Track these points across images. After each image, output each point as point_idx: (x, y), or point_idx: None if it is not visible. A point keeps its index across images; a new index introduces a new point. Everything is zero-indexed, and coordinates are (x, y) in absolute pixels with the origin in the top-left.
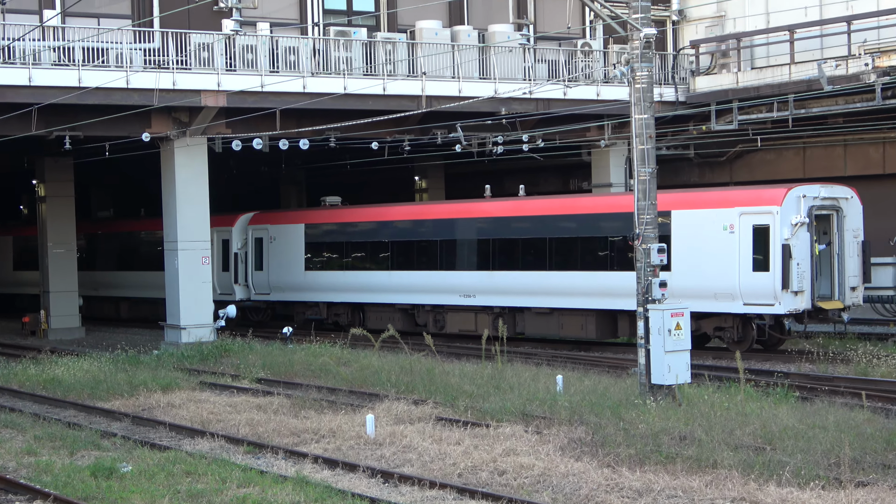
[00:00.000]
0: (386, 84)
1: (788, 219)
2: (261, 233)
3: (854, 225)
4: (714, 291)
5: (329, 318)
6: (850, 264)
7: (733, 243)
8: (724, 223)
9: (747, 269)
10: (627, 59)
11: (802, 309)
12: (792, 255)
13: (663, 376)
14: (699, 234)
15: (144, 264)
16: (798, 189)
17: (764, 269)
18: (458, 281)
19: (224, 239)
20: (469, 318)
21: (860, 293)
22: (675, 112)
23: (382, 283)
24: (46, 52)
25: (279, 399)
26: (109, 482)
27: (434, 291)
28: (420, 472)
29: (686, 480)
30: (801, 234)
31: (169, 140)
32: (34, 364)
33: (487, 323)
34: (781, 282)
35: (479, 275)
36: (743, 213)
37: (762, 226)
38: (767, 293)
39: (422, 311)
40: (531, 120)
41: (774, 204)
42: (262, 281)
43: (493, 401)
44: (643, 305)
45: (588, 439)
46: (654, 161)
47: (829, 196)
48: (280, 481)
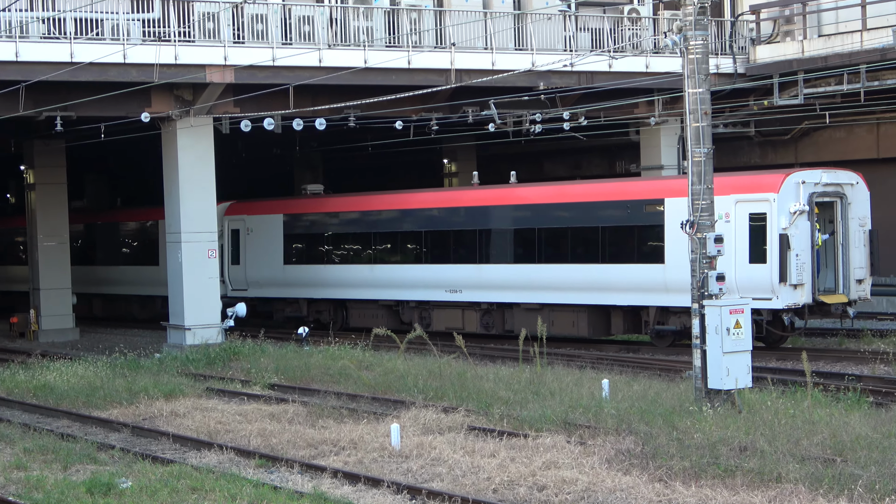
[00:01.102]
0: (411, 57)
1: (786, 206)
2: (237, 224)
3: (860, 213)
4: None
5: (310, 315)
6: (855, 255)
7: (729, 233)
8: (720, 211)
9: (743, 261)
10: (680, 27)
11: (802, 303)
12: (790, 246)
13: (721, 380)
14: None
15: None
16: (797, 174)
17: (761, 260)
18: (443, 275)
19: None
20: (456, 315)
21: (867, 286)
22: (733, 85)
23: (365, 277)
24: (35, 23)
25: (294, 407)
26: (107, 499)
27: (419, 287)
28: (451, 487)
29: (747, 496)
30: (800, 223)
31: (171, 120)
32: (23, 369)
33: (475, 320)
34: (779, 274)
35: (466, 268)
36: (739, 201)
37: (759, 214)
38: (764, 286)
39: (406, 308)
40: (573, 95)
41: (771, 191)
42: (239, 276)
43: (532, 408)
44: (698, 301)
45: (637, 450)
46: (710, 140)
47: (833, 182)
48: (295, 498)
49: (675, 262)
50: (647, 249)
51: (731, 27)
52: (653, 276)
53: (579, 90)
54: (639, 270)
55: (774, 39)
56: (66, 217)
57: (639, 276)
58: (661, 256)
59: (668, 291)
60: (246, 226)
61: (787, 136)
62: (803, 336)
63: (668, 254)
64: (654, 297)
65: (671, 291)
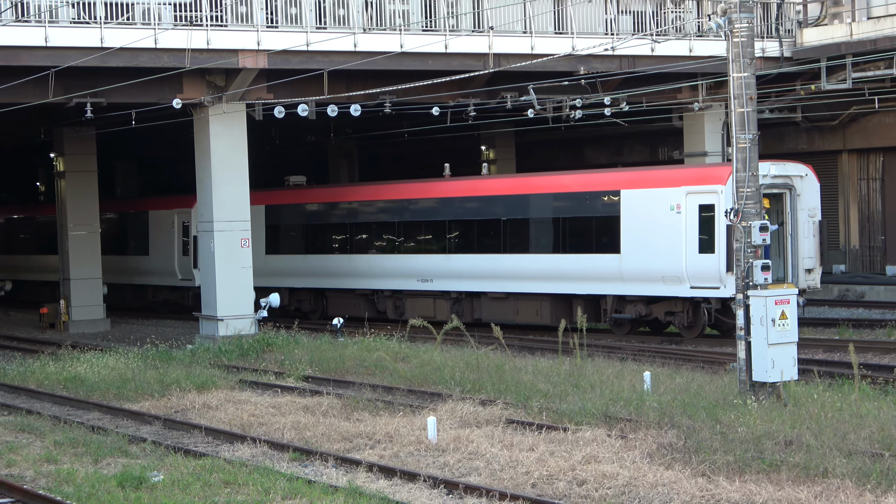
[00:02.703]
0: (448, 41)
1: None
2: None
3: (810, 204)
4: (662, 274)
5: (291, 304)
6: (804, 245)
7: (680, 224)
8: (672, 203)
9: (693, 251)
10: (724, 9)
11: None
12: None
13: (766, 373)
14: (648, 214)
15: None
16: None
17: (709, 250)
18: (415, 265)
19: (184, 221)
20: (428, 304)
21: (817, 276)
22: (779, 69)
23: (342, 267)
24: (65, 8)
25: (329, 399)
26: (138, 493)
27: (393, 276)
28: (488, 481)
29: (792, 491)
30: None
31: (203, 107)
32: (53, 361)
33: (446, 308)
34: (726, 264)
35: (436, 258)
36: (689, 193)
37: (707, 206)
38: (713, 276)
39: (381, 297)
40: (614, 80)
41: (719, 183)
42: None
43: (572, 401)
44: (743, 292)
45: (680, 444)
46: (756, 126)
47: (781, 174)
48: (330, 492)
49: (630, 252)
50: (604, 240)
51: (777, 9)
52: (609, 265)
53: (621, 75)
54: (596, 260)
55: (822, 22)
56: (97, 205)
57: (596, 265)
58: (617, 247)
59: (624, 281)
60: None
61: (834, 121)
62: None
63: (624, 244)
64: (611, 286)
65: (626, 281)
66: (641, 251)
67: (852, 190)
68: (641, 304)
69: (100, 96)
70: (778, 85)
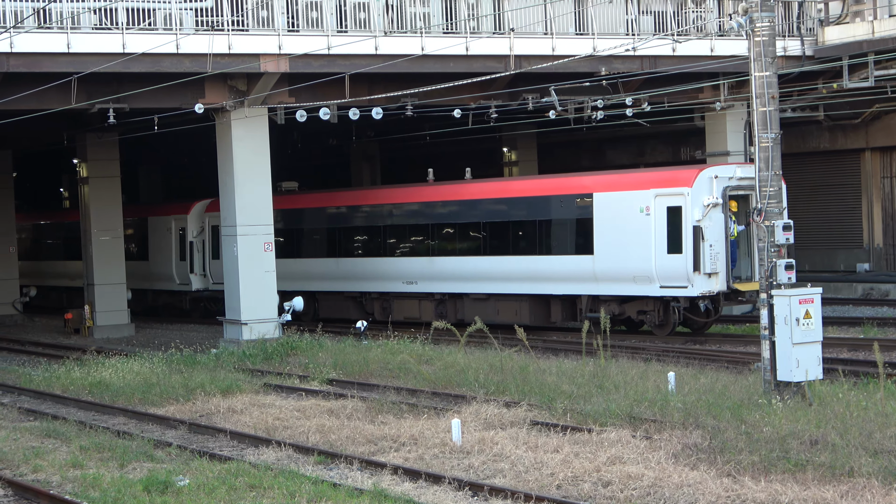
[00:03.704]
0: (469, 43)
1: (700, 200)
2: (217, 220)
3: None
4: (633, 274)
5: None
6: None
7: (649, 225)
8: (641, 205)
9: (662, 252)
10: (745, 9)
11: (717, 291)
12: (704, 237)
13: (791, 372)
14: (619, 216)
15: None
16: (710, 169)
17: (677, 251)
18: (400, 268)
19: (181, 227)
20: (413, 306)
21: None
22: (801, 68)
23: (332, 270)
24: (86, 14)
25: (353, 402)
26: (164, 497)
27: (380, 279)
28: (513, 483)
29: (818, 491)
30: (713, 216)
31: (225, 111)
32: (78, 366)
33: (430, 310)
34: (693, 264)
35: (420, 261)
36: (658, 195)
37: (675, 207)
38: (680, 275)
39: (369, 299)
40: (635, 81)
41: (685, 185)
42: (219, 270)
43: (596, 402)
44: (766, 291)
45: (705, 445)
46: (778, 125)
47: (747, 176)
48: (355, 495)
49: (603, 253)
50: (579, 242)
51: (798, 8)
52: (584, 266)
53: (642, 75)
54: (571, 261)
55: (844, 20)
56: (120, 211)
57: (571, 266)
58: (590, 248)
59: (598, 281)
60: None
61: (857, 119)
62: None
63: (597, 246)
64: (586, 286)
65: (600, 281)
66: (613, 252)
67: (875, 188)
68: (615, 304)
69: (122, 102)
70: (800, 84)
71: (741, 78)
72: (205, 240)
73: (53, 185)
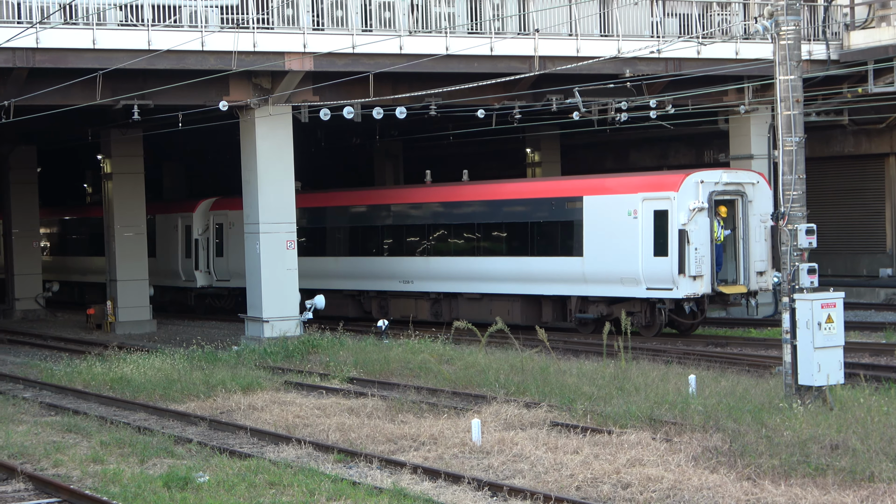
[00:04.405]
0: (493, 43)
1: (686, 204)
2: (221, 218)
3: (762, 210)
4: (621, 276)
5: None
6: (755, 249)
7: (636, 228)
8: (629, 209)
9: (648, 254)
10: (771, 12)
11: (701, 293)
12: (689, 241)
13: (812, 376)
14: (608, 219)
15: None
16: (696, 175)
17: (663, 253)
18: (397, 267)
19: (187, 225)
20: (410, 305)
21: (769, 278)
22: (826, 72)
23: (331, 269)
24: (112, 10)
25: (373, 401)
26: (184, 493)
27: (377, 278)
28: (533, 484)
29: (838, 495)
30: (699, 220)
31: (249, 109)
32: (100, 361)
33: (426, 309)
34: (678, 266)
35: (416, 261)
36: (645, 199)
37: (661, 211)
38: (666, 278)
39: (366, 298)
40: (659, 83)
41: (672, 189)
42: (223, 267)
43: (616, 404)
44: (788, 295)
45: (725, 448)
46: (802, 129)
47: (733, 181)
48: (375, 493)
49: (592, 255)
50: (569, 244)
51: (824, 12)
52: (573, 268)
53: (666, 77)
54: (561, 263)
55: (869, 24)
56: (144, 207)
57: (561, 268)
58: (580, 250)
59: (587, 282)
60: (228, 220)
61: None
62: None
63: (587, 248)
64: (575, 287)
65: (589, 282)
66: (602, 254)
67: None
68: (603, 305)
69: (147, 98)
70: (825, 87)
71: (766, 81)
72: (209, 237)
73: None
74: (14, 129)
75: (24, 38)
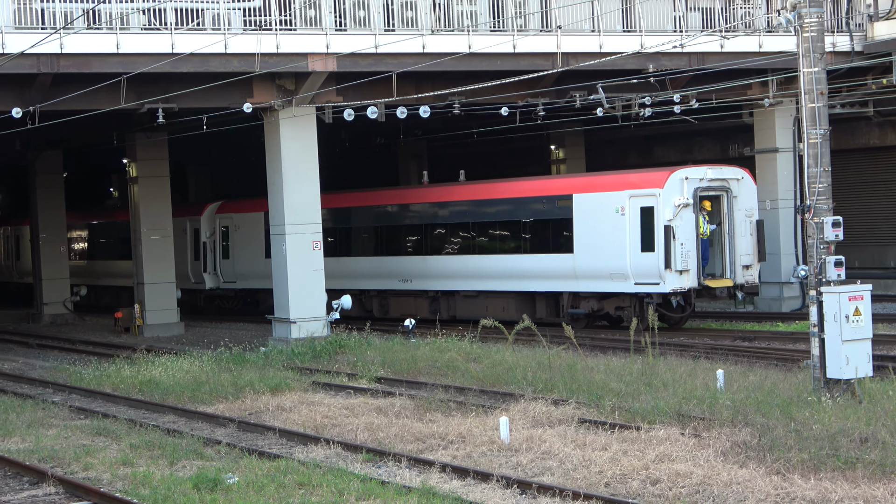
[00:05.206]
0: (516, 41)
1: (671, 200)
2: (226, 221)
3: (747, 205)
4: (610, 272)
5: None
6: (741, 243)
7: (624, 225)
8: (617, 205)
9: (636, 250)
10: (794, 4)
11: (688, 287)
12: (675, 236)
13: (840, 370)
14: (597, 216)
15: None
16: (681, 171)
17: (650, 249)
18: (396, 266)
19: (195, 228)
20: (409, 303)
21: (755, 272)
22: (850, 64)
23: (332, 269)
24: (135, 15)
25: (401, 400)
26: (214, 495)
27: (378, 277)
28: (562, 481)
29: (868, 489)
30: (684, 215)
31: (273, 111)
32: (128, 364)
33: (425, 306)
34: (665, 261)
35: (415, 260)
36: (632, 196)
37: (648, 207)
38: (653, 272)
39: (367, 296)
40: (683, 77)
41: (657, 186)
42: (229, 269)
43: (644, 400)
44: (816, 288)
45: (754, 443)
46: (827, 121)
47: (718, 177)
48: (404, 492)
49: (582, 252)
50: (560, 241)
51: (847, 3)
52: (565, 265)
53: (690, 72)
54: (553, 260)
55: (893, 15)
56: (170, 210)
57: (553, 265)
58: (570, 247)
59: (578, 279)
60: (234, 223)
61: None
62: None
63: (577, 244)
64: (567, 283)
65: (580, 279)
66: (592, 251)
67: None
68: (594, 300)
69: (171, 102)
70: (849, 79)
71: (790, 74)
72: (215, 240)
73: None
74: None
75: (49, 43)
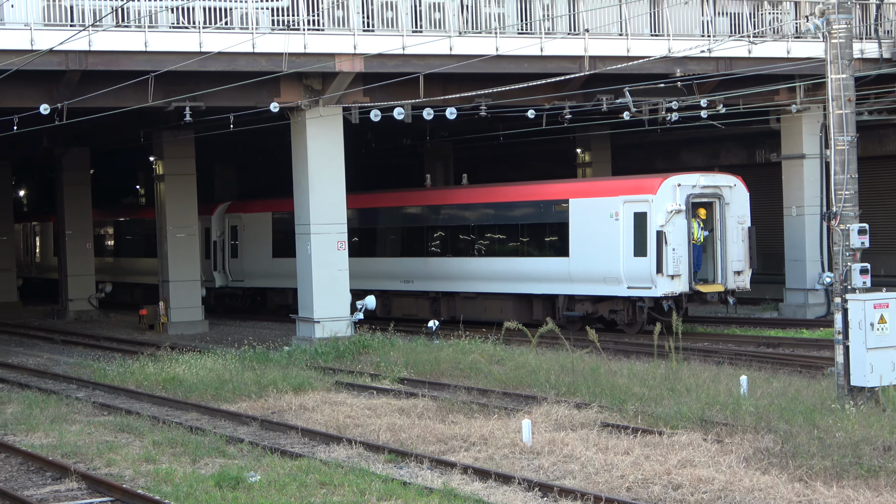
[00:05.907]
0: (543, 44)
1: (664, 206)
2: (235, 221)
3: (739, 212)
4: (604, 276)
5: (294, 303)
6: (733, 249)
7: (618, 230)
8: (611, 211)
9: (629, 255)
10: (822, 10)
11: (679, 292)
12: (667, 241)
13: (865, 377)
14: (592, 221)
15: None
16: (674, 178)
17: (642, 254)
18: (398, 268)
19: (206, 227)
20: (411, 303)
21: (746, 277)
22: (878, 71)
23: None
24: (164, 13)
25: (424, 401)
26: (236, 493)
27: (379, 278)
28: (583, 485)
29: (891, 497)
30: (676, 221)
31: (300, 111)
32: (152, 362)
33: (426, 307)
34: (657, 266)
35: (416, 261)
36: (626, 202)
37: (641, 213)
38: (645, 277)
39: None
40: (710, 82)
41: (650, 192)
42: (237, 268)
43: (667, 405)
44: (841, 295)
45: (777, 449)
46: (854, 128)
47: (710, 184)
48: (425, 494)
49: (577, 255)
50: (556, 244)
51: (876, 10)
52: (560, 268)
53: (717, 77)
54: (550, 263)
55: None
56: (196, 208)
57: (550, 268)
58: (566, 250)
59: (573, 281)
60: (242, 223)
61: None
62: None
63: (572, 248)
64: (563, 286)
65: (575, 281)
66: (587, 255)
67: None
68: (589, 303)
69: (198, 100)
70: (877, 86)
71: (817, 80)
72: (224, 240)
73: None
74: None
75: (77, 40)
